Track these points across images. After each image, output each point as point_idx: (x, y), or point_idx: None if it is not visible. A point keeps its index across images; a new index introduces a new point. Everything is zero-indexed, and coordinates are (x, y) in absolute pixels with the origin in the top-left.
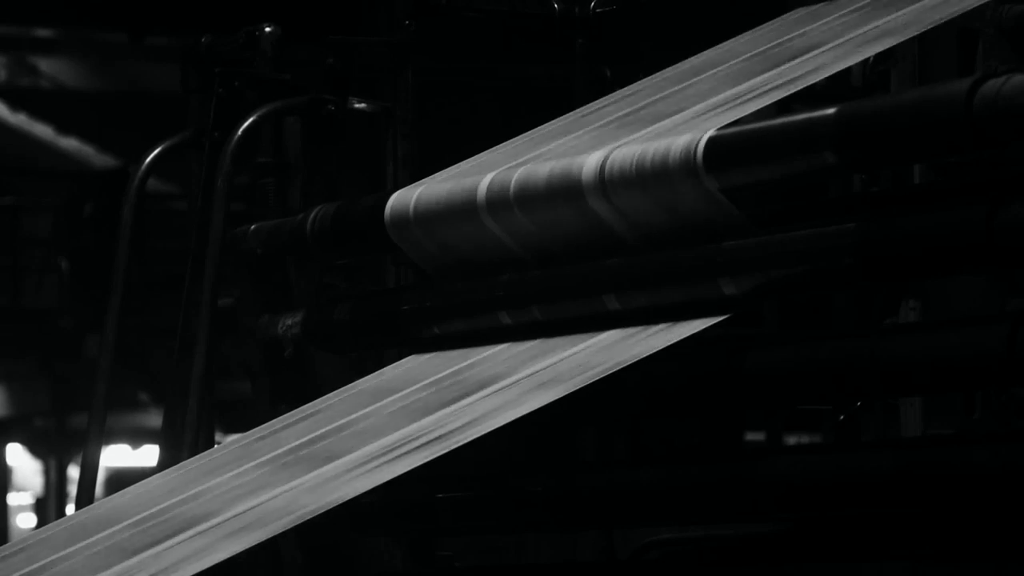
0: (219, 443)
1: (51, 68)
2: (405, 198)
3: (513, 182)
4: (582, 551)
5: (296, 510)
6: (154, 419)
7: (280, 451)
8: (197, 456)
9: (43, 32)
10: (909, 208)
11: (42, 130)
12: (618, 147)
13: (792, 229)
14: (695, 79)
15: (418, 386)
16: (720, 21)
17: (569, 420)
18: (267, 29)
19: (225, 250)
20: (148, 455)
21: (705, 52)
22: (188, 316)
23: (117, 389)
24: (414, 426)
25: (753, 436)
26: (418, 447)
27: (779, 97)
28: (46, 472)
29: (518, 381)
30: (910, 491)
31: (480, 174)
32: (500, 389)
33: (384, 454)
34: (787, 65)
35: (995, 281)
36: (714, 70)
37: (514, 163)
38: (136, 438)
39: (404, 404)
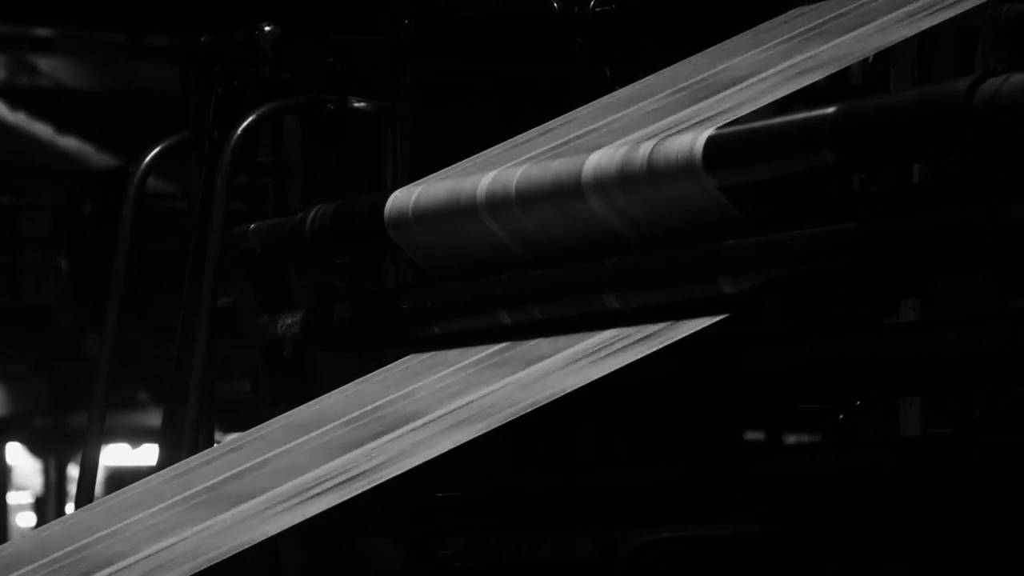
0: (218, 443)
1: (50, 67)
2: (404, 197)
3: (513, 181)
4: (582, 551)
5: (512, 404)
6: (154, 418)
7: (482, 355)
8: (393, 364)
9: (42, 31)
10: (909, 208)
11: (41, 129)
12: (618, 146)
13: (792, 228)
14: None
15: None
16: (720, 21)
17: (568, 419)
18: (267, 28)
19: (225, 250)
20: (148, 454)
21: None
22: (188, 316)
23: (116, 388)
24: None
25: (753, 436)
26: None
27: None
28: (46, 471)
29: (527, 375)
30: (910, 491)
31: (480, 174)
32: (544, 368)
33: (586, 355)
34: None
35: (995, 281)
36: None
37: (514, 162)
38: (136, 437)
39: None
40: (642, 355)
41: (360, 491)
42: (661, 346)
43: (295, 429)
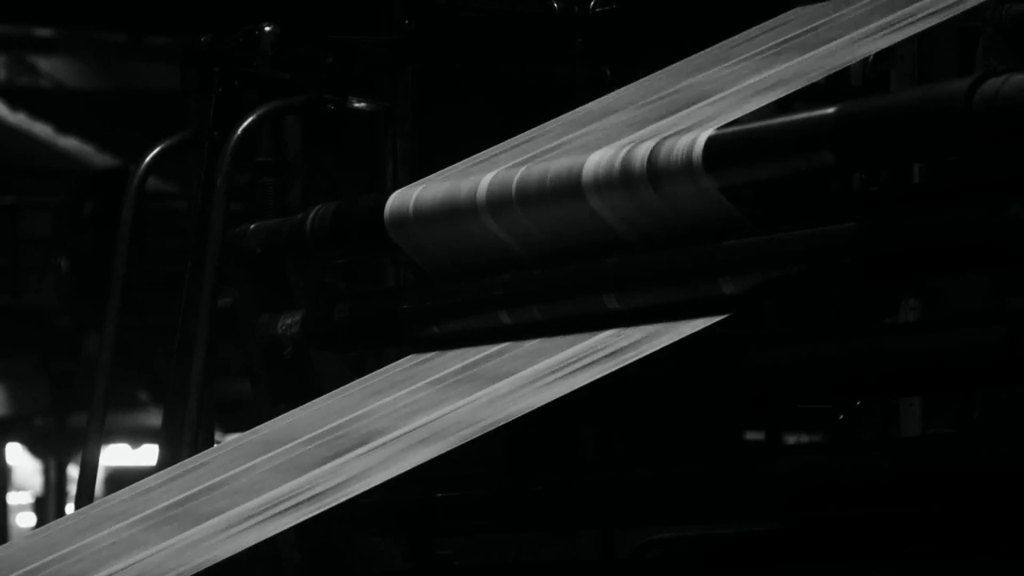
0: (218, 443)
1: (51, 67)
2: (404, 197)
3: (513, 182)
4: (582, 551)
5: (475, 423)
6: (154, 418)
7: (448, 371)
8: (362, 379)
9: (43, 31)
10: (908, 208)
11: (42, 129)
12: (618, 146)
13: (791, 228)
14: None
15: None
16: (720, 21)
17: (568, 419)
18: (267, 28)
19: (225, 250)
20: (148, 454)
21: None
22: (188, 315)
23: (117, 388)
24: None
25: (753, 436)
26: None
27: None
28: (46, 471)
29: (520, 378)
30: (909, 491)
31: (480, 174)
32: (523, 382)
33: (585, 356)
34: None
35: (995, 281)
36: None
37: (514, 163)
38: (136, 437)
39: None
40: (642, 355)
41: (322, 510)
42: (661, 346)
43: (258, 446)
